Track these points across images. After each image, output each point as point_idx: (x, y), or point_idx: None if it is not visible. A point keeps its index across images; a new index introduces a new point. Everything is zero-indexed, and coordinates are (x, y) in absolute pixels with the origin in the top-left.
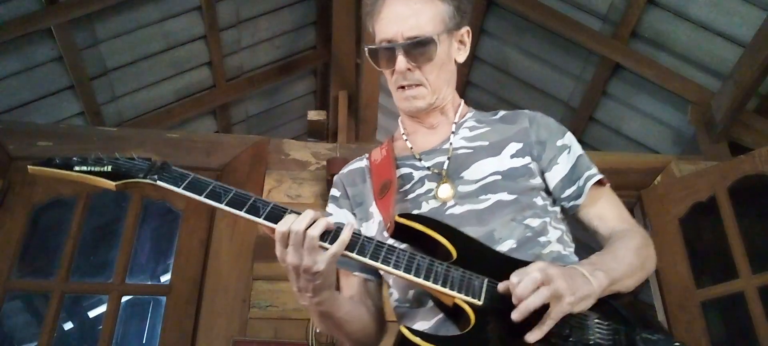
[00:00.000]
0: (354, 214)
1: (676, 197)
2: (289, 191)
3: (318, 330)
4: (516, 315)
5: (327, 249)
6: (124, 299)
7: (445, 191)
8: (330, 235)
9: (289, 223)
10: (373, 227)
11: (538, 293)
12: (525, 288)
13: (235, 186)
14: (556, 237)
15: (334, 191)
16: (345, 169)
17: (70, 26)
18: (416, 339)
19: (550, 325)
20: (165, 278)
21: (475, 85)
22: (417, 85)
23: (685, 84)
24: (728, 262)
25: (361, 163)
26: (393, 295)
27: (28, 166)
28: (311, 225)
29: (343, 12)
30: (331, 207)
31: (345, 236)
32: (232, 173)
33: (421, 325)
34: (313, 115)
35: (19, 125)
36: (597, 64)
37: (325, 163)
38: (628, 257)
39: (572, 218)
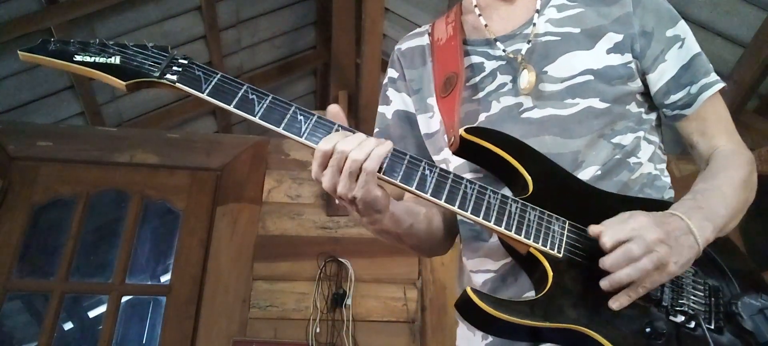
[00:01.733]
0: (410, 99)
1: (677, 197)
2: (289, 191)
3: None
4: (606, 284)
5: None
6: (124, 299)
7: (526, 79)
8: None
9: (333, 142)
10: (433, 125)
11: (634, 265)
12: (617, 262)
13: (236, 185)
14: (649, 155)
15: (392, 72)
16: (402, 45)
17: (70, 26)
18: (484, 305)
19: (641, 293)
20: (165, 278)
21: None
22: None
23: None
24: None
25: (421, 39)
26: None
27: (19, 52)
28: (357, 147)
29: (343, 12)
30: (390, 92)
31: (381, 152)
32: (232, 173)
33: (487, 266)
34: None
35: (19, 125)
36: None
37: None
38: (736, 196)
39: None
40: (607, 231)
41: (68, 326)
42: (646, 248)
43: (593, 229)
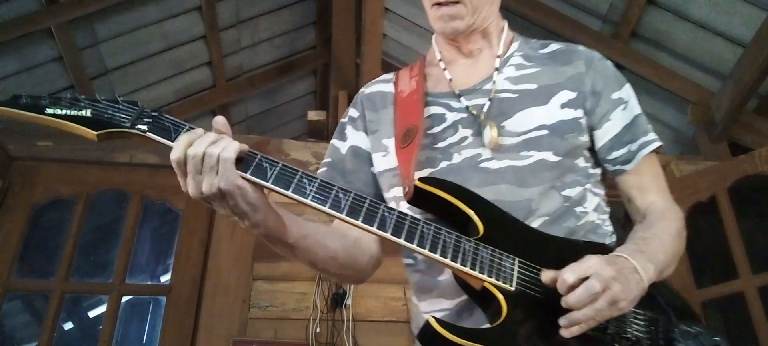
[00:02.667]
0: (368, 138)
1: (676, 197)
2: None
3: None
4: (565, 323)
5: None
6: (124, 299)
7: (490, 134)
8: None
9: (184, 145)
10: (387, 163)
11: (597, 302)
12: (580, 300)
13: None
14: (594, 206)
15: (353, 111)
16: (367, 89)
17: (70, 26)
18: (446, 332)
19: (592, 325)
20: (165, 278)
21: None
22: (455, 2)
23: (685, 84)
24: (728, 262)
25: (386, 86)
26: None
27: None
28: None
29: (343, 12)
30: (348, 129)
31: (235, 145)
32: None
33: (442, 306)
34: (313, 115)
35: (19, 125)
36: None
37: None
38: (672, 245)
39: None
40: (566, 270)
41: (68, 326)
42: (605, 283)
43: (547, 275)
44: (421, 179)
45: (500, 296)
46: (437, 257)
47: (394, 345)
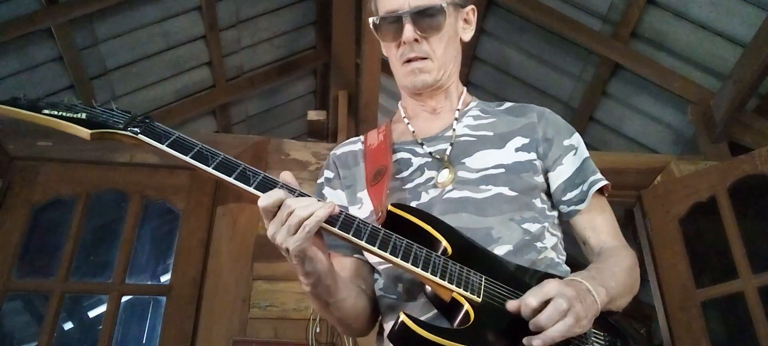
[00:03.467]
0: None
1: (676, 197)
2: None
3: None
4: (538, 343)
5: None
6: (124, 299)
7: (445, 176)
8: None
9: (279, 195)
10: (361, 214)
11: (562, 322)
12: (551, 319)
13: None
14: (552, 244)
15: (328, 172)
16: (338, 150)
17: (70, 26)
18: (418, 329)
19: (555, 340)
20: (165, 278)
21: (475, 85)
22: (424, 58)
23: (685, 84)
24: (728, 262)
25: (355, 146)
26: (378, 282)
27: None
28: (302, 207)
29: (343, 12)
30: (326, 190)
31: (321, 214)
32: None
33: None
34: (313, 115)
35: (19, 125)
36: (597, 64)
37: (325, 163)
38: (623, 277)
39: (565, 224)
40: (528, 295)
41: (68, 326)
42: (569, 302)
43: (511, 304)
44: (393, 205)
45: (468, 306)
46: (409, 265)
47: None
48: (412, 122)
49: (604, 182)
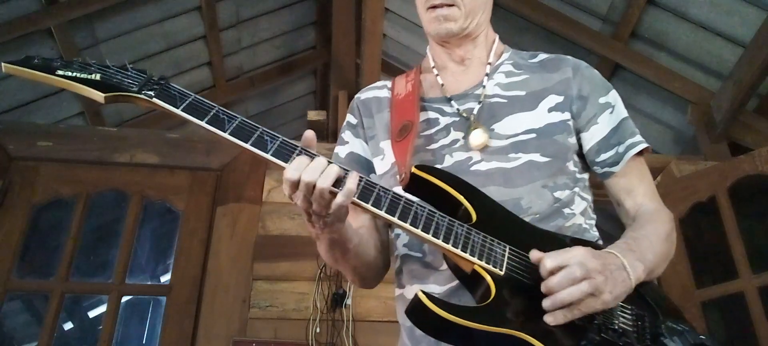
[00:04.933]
0: (367, 145)
1: (676, 197)
2: None
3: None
4: (548, 304)
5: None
6: (124, 299)
7: (478, 137)
8: (341, 181)
9: (300, 171)
10: (383, 167)
11: (576, 286)
12: (560, 283)
13: (236, 185)
14: (581, 209)
15: (351, 118)
16: (362, 95)
17: (70, 26)
18: (434, 307)
19: (577, 315)
20: (165, 278)
21: None
22: (449, 5)
23: (685, 84)
24: (728, 262)
25: (381, 92)
26: (400, 238)
27: (3, 64)
28: (321, 176)
29: (343, 12)
30: (347, 134)
31: (351, 186)
32: (232, 173)
33: (432, 289)
34: (313, 115)
35: (19, 125)
36: (597, 64)
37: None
38: (660, 246)
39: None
40: (548, 256)
41: (68, 326)
42: (586, 273)
43: (535, 254)
44: (417, 166)
45: (489, 280)
46: (430, 237)
47: (394, 345)
48: (442, 74)
49: (644, 145)
